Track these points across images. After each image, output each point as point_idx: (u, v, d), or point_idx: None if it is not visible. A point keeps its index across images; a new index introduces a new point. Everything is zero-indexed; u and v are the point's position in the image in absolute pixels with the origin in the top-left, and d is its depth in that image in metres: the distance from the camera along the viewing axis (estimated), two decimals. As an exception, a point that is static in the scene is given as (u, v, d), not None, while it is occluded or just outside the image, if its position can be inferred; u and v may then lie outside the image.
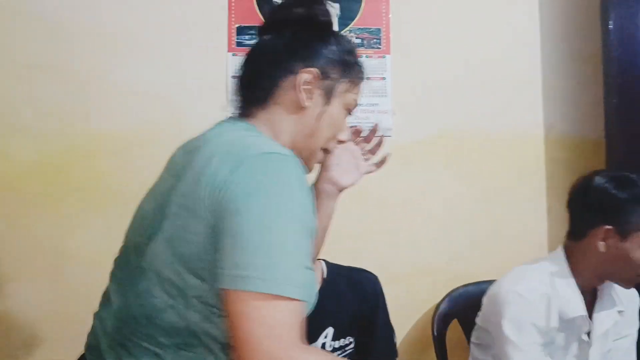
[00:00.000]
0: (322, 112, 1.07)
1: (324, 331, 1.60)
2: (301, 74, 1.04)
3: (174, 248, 0.91)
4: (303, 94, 1.04)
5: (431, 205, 2.04)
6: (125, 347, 0.95)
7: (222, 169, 0.88)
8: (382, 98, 2.01)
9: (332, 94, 1.07)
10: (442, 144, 2.05)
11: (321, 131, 1.08)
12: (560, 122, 2.12)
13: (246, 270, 0.82)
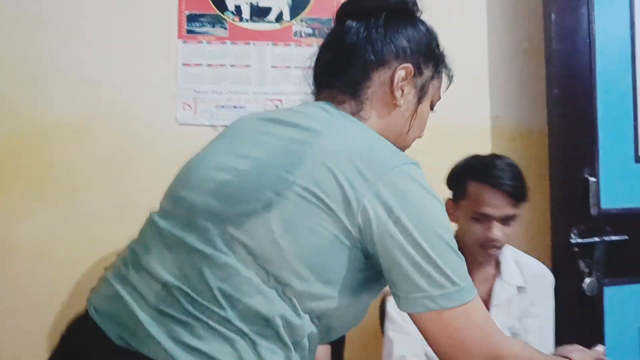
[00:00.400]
0: (413, 111, 1.04)
1: None
2: (398, 70, 1.00)
3: (290, 234, 0.86)
4: (399, 92, 1.00)
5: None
6: (183, 324, 0.86)
7: (366, 186, 0.86)
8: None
9: (425, 92, 1.05)
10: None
11: (411, 131, 1.06)
12: (506, 114, 2.18)
13: (431, 291, 0.86)
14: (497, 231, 1.50)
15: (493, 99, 2.18)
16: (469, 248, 1.54)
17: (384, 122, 1.02)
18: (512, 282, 1.61)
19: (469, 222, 1.53)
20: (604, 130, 1.97)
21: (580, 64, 1.95)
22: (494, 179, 1.49)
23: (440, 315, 0.87)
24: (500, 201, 1.49)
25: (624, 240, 1.95)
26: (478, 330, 0.88)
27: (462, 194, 1.55)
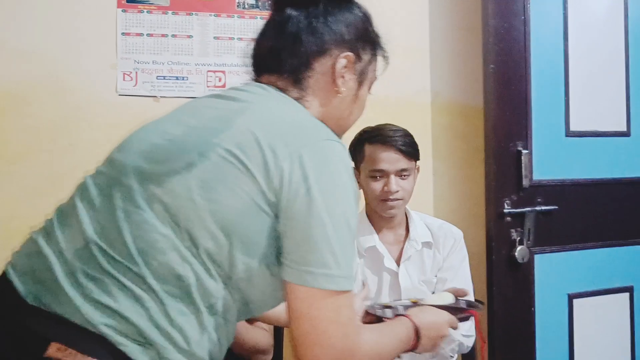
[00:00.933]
0: (355, 96, 1.06)
1: None
2: (340, 59, 1.01)
3: (208, 193, 0.86)
4: (340, 80, 1.02)
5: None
6: (96, 281, 0.85)
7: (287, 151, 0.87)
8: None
9: (365, 76, 1.07)
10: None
11: (351, 114, 1.08)
12: (446, 89, 2.24)
13: (314, 267, 0.85)
14: (394, 184, 1.66)
15: (433, 75, 2.23)
16: (374, 207, 1.72)
17: (326, 108, 1.04)
18: (418, 239, 1.75)
19: (369, 181, 1.69)
20: (537, 105, 2.04)
21: (515, 41, 2.01)
22: (385, 138, 1.67)
23: (314, 295, 0.86)
24: (393, 156, 1.66)
25: (554, 210, 2.05)
26: (340, 329, 0.86)
27: (361, 158, 1.71)
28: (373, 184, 1.68)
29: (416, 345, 1.09)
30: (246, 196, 0.86)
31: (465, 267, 1.78)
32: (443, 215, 2.13)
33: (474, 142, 2.21)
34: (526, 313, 2.02)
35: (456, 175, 2.23)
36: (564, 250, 2.08)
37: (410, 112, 2.18)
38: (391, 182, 1.66)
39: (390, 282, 1.72)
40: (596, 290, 2.13)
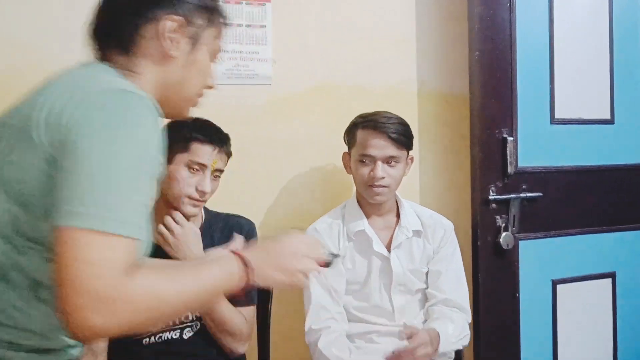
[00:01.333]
0: (189, 60, 1.04)
1: None
2: (164, 21, 1.01)
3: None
4: (168, 43, 1.01)
5: (309, 156, 2.10)
6: None
7: (65, 99, 0.86)
8: (262, 46, 2.03)
9: (198, 41, 1.05)
10: (320, 96, 2.10)
11: (190, 80, 1.06)
12: (432, 78, 2.24)
13: (77, 207, 0.79)
14: (380, 170, 1.68)
15: (420, 64, 2.23)
16: (362, 192, 1.76)
17: (161, 75, 1.03)
18: (409, 227, 1.77)
19: (357, 165, 1.72)
20: (522, 93, 2.05)
21: (501, 28, 2.02)
22: (376, 124, 1.70)
23: (71, 234, 0.79)
24: (382, 143, 1.68)
25: (539, 196, 2.06)
26: (96, 270, 0.78)
27: (353, 142, 1.74)
28: (361, 169, 1.70)
29: (248, 279, 0.98)
30: (34, 164, 0.86)
31: (458, 259, 1.81)
32: (429, 203, 2.14)
33: (459, 130, 2.22)
34: (511, 298, 2.03)
35: (442, 163, 2.24)
36: (548, 236, 2.10)
37: (397, 101, 2.17)
38: (377, 168, 1.68)
39: (380, 266, 1.74)
40: (579, 276, 2.15)
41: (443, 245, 1.79)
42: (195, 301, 0.93)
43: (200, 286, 0.92)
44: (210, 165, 1.58)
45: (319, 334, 1.65)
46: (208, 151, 1.58)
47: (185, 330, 1.63)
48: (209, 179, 1.58)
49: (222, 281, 0.96)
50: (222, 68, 1.98)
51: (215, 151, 1.59)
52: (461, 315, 1.73)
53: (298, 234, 1.13)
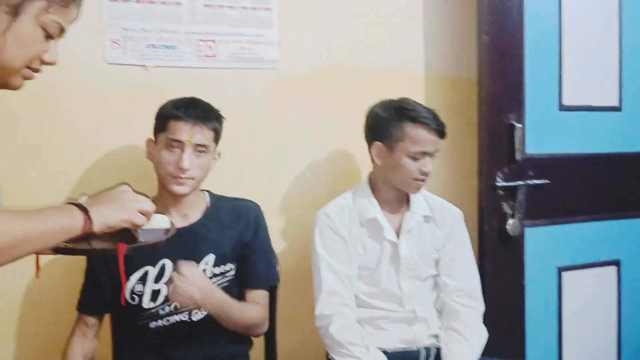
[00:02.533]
0: (6, 27, 1.00)
1: (204, 258, 1.63)
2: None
3: None
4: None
5: (316, 139, 2.08)
6: None
7: None
8: (267, 29, 1.99)
9: (19, 10, 1.01)
10: (326, 79, 2.07)
11: (9, 49, 1.02)
12: (439, 60, 2.21)
13: None
14: (430, 165, 1.71)
15: (427, 46, 2.20)
16: (402, 186, 1.73)
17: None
18: (419, 212, 1.78)
19: (406, 160, 1.68)
20: (531, 78, 2.03)
21: (510, 12, 1.99)
22: (428, 121, 1.68)
23: None
24: (435, 139, 1.69)
25: (546, 184, 2.05)
26: None
27: (399, 137, 1.69)
28: (411, 164, 1.68)
29: (89, 225, 1.01)
30: None
31: (468, 246, 1.81)
32: (434, 188, 2.11)
33: (467, 115, 2.19)
34: (516, 285, 2.04)
35: (448, 148, 2.20)
36: (555, 223, 2.10)
37: (403, 84, 2.15)
38: (428, 163, 1.70)
39: (390, 252, 1.73)
40: (585, 264, 2.16)
41: (454, 231, 1.78)
42: (31, 236, 0.95)
43: (36, 222, 0.96)
44: (187, 141, 1.57)
45: (330, 319, 1.64)
46: (183, 127, 1.57)
47: (193, 311, 1.62)
48: (188, 154, 1.56)
49: (61, 220, 0.99)
50: (227, 51, 1.95)
51: (191, 126, 1.58)
52: (475, 318, 1.72)
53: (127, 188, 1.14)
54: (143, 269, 1.60)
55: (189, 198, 1.65)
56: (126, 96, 1.88)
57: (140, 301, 1.60)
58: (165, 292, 1.59)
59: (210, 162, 1.65)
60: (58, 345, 1.70)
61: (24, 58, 1.05)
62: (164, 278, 1.60)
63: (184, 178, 1.57)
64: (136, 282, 1.60)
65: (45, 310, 1.84)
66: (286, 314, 1.94)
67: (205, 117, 1.61)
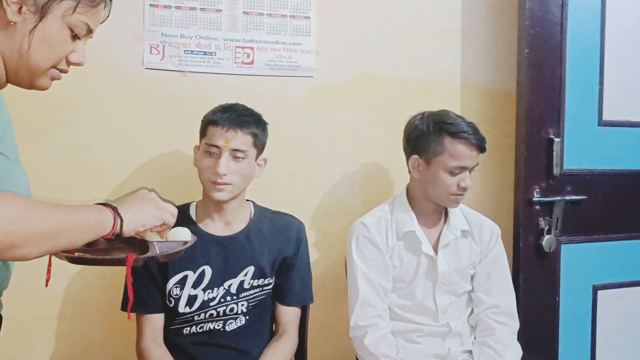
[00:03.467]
0: (34, 29, 1.02)
1: (245, 269, 1.63)
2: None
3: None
4: (11, 8, 1.00)
5: (348, 148, 2.07)
6: None
7: None
8: (305, 37, 1.99)
9: (46, 10, 1.02)
10: (362, 88, 2.07)
11: (36, 49, 1.03)
12: (476, 72, 2.19)
13: None
14: (469, 180, 1.68)
15: (464, 56, 2.18)
16: (440, 200, 1.70)
17: (2, 40, 1.02)
18: (457, 227, 1.75)
19: (444, 175, 1.66)
20: (571, 93, 2.00)
21: (552, 26, 1.96)
22: (468, 136, 1.64)
23: None
24: (475, 154, 1.66)
25: (583, 200, 2.02)
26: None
27: (438, 151, 1.66)
28: (450, 179, 1.65)
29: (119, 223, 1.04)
30: None
31: (505, 264, 1.78)
32: (470, 201, 2.09)
33: (503, 128, 2.17)
34: (551, 302, 2.00)
35: (484, 161, 2.17)
36: (591, 240, 2.07)
37: (439, 95, 2.14)
38: (468, 179, 1.67)
39: (427, 266, 1.72)
40: (621, 282, 2.11)
41: (491, 247, 1.76)
42: (65, 228, 0.97)
43: (71, 216, 0.98)
44: (223, 146, 1.55)
45: (365, 331, 1.63)
46: (219, 132, 1.57)
47: (228, 322, 1.62)
48: (224, 159, 1.55)
49: (95, 216, 1.01)
50: (264, 59, 1.96)
51: (227, 131, 1.56)
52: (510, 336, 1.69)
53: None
54: (183, 273, 1.60)
55: (232, 206, 1.64)
56: (163, 101, 1.89)
57: (177, 305, 1.60)
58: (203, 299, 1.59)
59: (251, 168, 1.61)
60: (91, 345, 1.70)
61: (51, 58, 1.06)
62: (202, 284, 1.60)
63: (221, 184, 1.56)
64: (174, 286, 1.60)
65: (82, 309, 1.86)
66: (316, 323, 1.94)
67: (241, 121, 1.59)
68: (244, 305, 1.63)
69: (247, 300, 1.63)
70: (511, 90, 2.10)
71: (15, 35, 1.02)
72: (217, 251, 1.61)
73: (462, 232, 1.75)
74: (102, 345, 1.87)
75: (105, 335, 1.87)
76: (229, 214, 1.65)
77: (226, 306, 1.61)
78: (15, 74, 1.06)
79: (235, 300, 1.62)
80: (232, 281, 1.61)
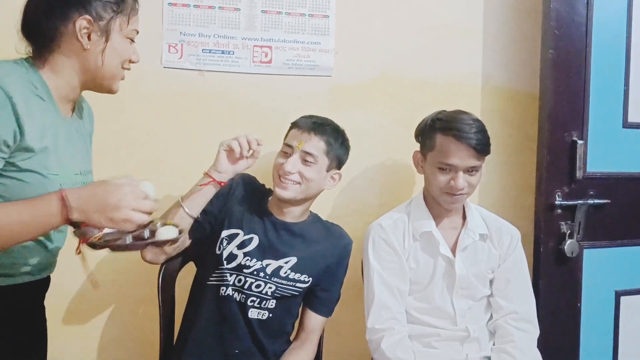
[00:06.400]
0: (103, 48, 1.24)
1: (287, 258, 1.64)
2: (78, 21, 1.20)
3: None
4: (84, 40, 1.21)
5: (369, 148, 2.04)
6: None
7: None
8: (324, 37, 1.97)
9: (109, 32, 1.24)
10: (381, 88, 2.04)
11: (108, 62, 1.25)
12: (498, 73, 2.15)
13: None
14: (461, 180, 1.61)
15: (485, 57, 2.14)
16: (436, 197, 1.68)
17: (80, 64, 1.24)
18: (476, 230, 1.72)
19: (436, 171, 1.64)
20: (595, 94, 1.96)
21: (577, 26, 1.92)
22: (459, 132, 1.59)
23: None
24: (465, 153, 1.59)
25: (606, 203, 1.97)
26: None
27: (430, 146, 1.65)
28: (440, 176, 1.63)
29: (67, 217, 1.08)
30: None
31: (525, 269, 1.75)
32: (489, 204, 2.07)
33: (524, 129, 2.13)
34: (572, 308, 1.97)
35: (504, 163, 2.15)
36: (614, 245, 2.02)
37: (460, 96, 2.10)
38: (459, 179, 1.61)
39: (445, 268, 1.69)
40: (645, 288, 2.06)
41: (511, 252, 1.72)
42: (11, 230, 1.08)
43: (17, 217, 1.07)
44: (296, 146, 1.61)
45: (382, 334, 1.62)
46: (297, 134, 1.64)
47: (249, 300, 1.62)
48: (294, 158, 1.60)
49: (40, 216, 1.09)
50: (283, 58, 1.94)
51: (303, 134, 1.62)
52: (530, 343, 1.66)
53: (127, 180, 1.15)
54: (236, 229, 1.64)
55: (293, 211, 1.67)
56: (181, 100, 1.89)
57: (222, 252, 1.62)
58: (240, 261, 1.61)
59: (319, 177, 1.63)
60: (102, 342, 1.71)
61: (119, 64, 1.29)
62: (245, 248, 1.62)
63: (286, 181, 1.60)
64: (225, 237, 1.63)
65: (94, 306, 1.87)
66: (332, 324, 1.91)
67: (318, 128, 1.64)
68: (271, 289, 1.62)
69: (277, 285, 1.63)
70: (533, 92, 2.06)
71: (89, 57, 1.23)
72: (270, 229, 1.66)
73: (481, 236, 1.71)
74: (115, 343, 1.88)
75: (118, 332, 1.87)
76: (287, 217, 1.68)
77: (255, 280, 1.62)
78: (94, 83, 1.28)
79: (265, 280, 1.62)
80: (272, 262, 1.63)
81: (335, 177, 1.69)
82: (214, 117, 1.90)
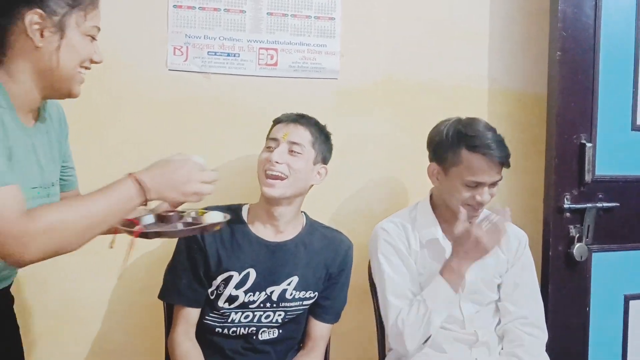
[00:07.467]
0: (58, 46, 1.13)
1: (289, 278, 1.61)
2: (28, 15, 1.09)
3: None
4: (35, 36, 1.10)
5: (374, 152, 2.03)
6: None
7: None
8: (330, 39, 1.96)
9: (64, 28, 1.13)
10: (387, 91, 2.03)
11: (64, 62, 1.14)
12: (504, 75, 2.14)
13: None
14: (487, 195, 1.61)
15: (492, 60, 2.13)
16: (455, 209, 1.63)
17: (34, 64, 1.13)
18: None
19: (460, 187, 1.60)
20: (603, 97, 1.94)
21: (585, 28, 1.91)
22: (489, 150, 1.57)
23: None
24: (493, 170, 1.58)
25: (615, 207, 1.96)
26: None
27: (455, 162, 1.60)
28: (465, 192, 1.60)
29: (145, 198, 1.12)
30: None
31: (533, 273, 1.73)
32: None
33: (532, 132, 2.12)
34: (581, 312, 1.95)
35: (512, 166, 2.09)
36: (624, 249, 2.01)
37: (466, 99, 2.09)
38: (485, 194, 1.60)
39: None
40: (654, 293, 2.04)
41: (519, 257, 1.71)
42: (97, 221, 1.07)
43: (99, 207, 1.07)
44: (281, 138, 1.58)
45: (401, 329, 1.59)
46: (280, 127, 1.62)
47: (261, 330, 1.61)
48: (280, 149, 1.57)
49: (120, 201, 1.10)
50: (288, 61, 1.93)
51: (287, 125, 1.61)
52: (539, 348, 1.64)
53: (185, 156, 1.21)
54: (228, 273, 1.57)
55: (284, 214, 1.61)
56: (186, 103, 1.87)
57: (217, 300, 1.58)
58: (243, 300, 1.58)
59: (306, 169, 1.59)
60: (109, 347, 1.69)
61: (77, 63, 1.17)
62: (245, 286, 1.58)
63: (274, 177, 1.55)
64: (220, 282, 1.58)
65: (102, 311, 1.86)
66: (338, 328, 1.90)
67: (302, 119, 1.63)
68: (281, 316, 1.60)
69: (286, 311, 1.61)
70: (540, 94, 2.05)
71: (43, 56, 1.13)
72: (264, 255, 1.60)
73: None
74: (122, 348, 1.86)
75: (125, 337, 1.86)
76: (281, 222, 1.62)
77: (263, 312, 1.59)
78: (52, 87, 1.17)
79: (274, 309, 1.59)
80: (275, 288, 1.59)
81: (322, 172, 1.65)
82: (219, 120, 1.89)
